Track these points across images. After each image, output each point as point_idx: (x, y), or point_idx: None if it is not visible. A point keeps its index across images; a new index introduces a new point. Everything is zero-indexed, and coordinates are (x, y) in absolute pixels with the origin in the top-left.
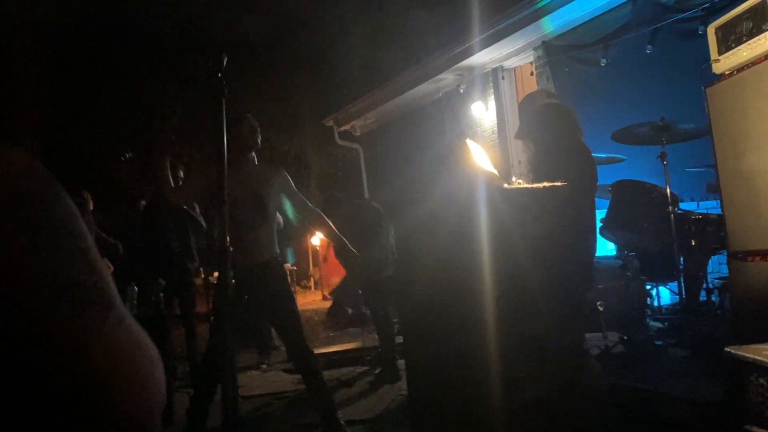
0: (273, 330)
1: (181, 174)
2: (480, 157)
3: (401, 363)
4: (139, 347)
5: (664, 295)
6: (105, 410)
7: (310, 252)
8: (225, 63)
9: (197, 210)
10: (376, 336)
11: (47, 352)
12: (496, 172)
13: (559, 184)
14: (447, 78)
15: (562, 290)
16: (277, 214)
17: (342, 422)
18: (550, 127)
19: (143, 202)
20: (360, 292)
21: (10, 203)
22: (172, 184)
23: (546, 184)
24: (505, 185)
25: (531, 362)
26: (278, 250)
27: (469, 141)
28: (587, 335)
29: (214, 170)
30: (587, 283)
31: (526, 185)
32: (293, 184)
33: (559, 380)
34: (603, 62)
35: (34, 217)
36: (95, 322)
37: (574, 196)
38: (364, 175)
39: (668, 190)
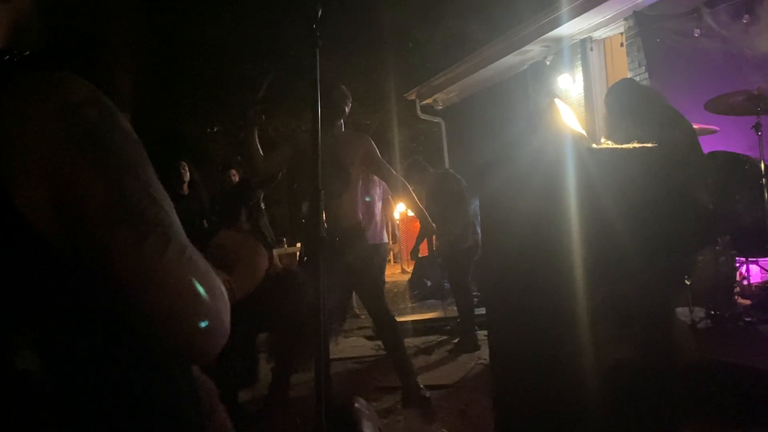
0: (354, 297)
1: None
2: (568, 118)
3: (480, 333)
4: (202, 280)
5: (753, 274)
6: (163, 339)
7: (389, 226)
8: (320, 14)
9: None
10: (455, 307)
11: (106, 277)
12: (584, 132)
13: (650, 145)
14: (533, 50)
15: (655, 252)
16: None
17: (422, 386)
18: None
19: (233, 171)
20: (439, 263)
21: (71, 130)
22: (261, 155)
23: (636, 144)
24: (594, 146)
25: (618, 323)
26: (361, 217)
27: (557, 101)
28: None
29: (303, 138)
30: (686, 247)
31: (615, 146)
32: (378, 152)
33: (646, 342)
34: (696, 32)
35: (94, 143)
36: (154, 251)
37: (670, 157)
38: (445, 148)
39: (762, 163)
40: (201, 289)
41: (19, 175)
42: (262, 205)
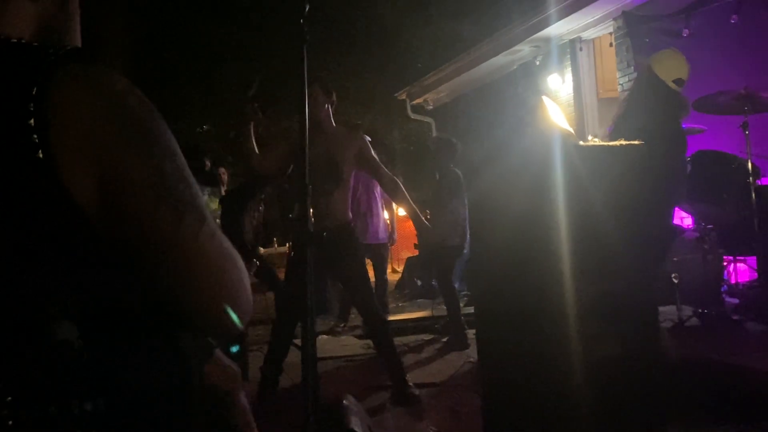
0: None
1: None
2: (556, 115)
3: (470, 332)
4: (231, 260)
5: (741, 272)
6: (200, 313)
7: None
8: (307, 10)
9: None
10: (445, 306)
11: (144, 253)
12: (571, 130)
13: (636, 143)
14: (523, 50)
15: (642, 250)
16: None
17: (411, 384)
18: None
19: (222, 169)
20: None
21: (117, 116)
22: (257, 152)
23: (623, 142)
24: (581, 143)
25: (606, 320)
26: (351, 215)
27: (545, 99)
28: (660, 308)
29: (297, 136)
30: (666, 247)
31: (602, 143)
32: (371, 150)
33: (634, 340)
34: (685, 33)
35: (137, 129)
36: (190, 230)
37: (660, 157)
38: None
39: (749, 162)
40: (231, 268)
41: (69, 156)
42: (261, 207)
